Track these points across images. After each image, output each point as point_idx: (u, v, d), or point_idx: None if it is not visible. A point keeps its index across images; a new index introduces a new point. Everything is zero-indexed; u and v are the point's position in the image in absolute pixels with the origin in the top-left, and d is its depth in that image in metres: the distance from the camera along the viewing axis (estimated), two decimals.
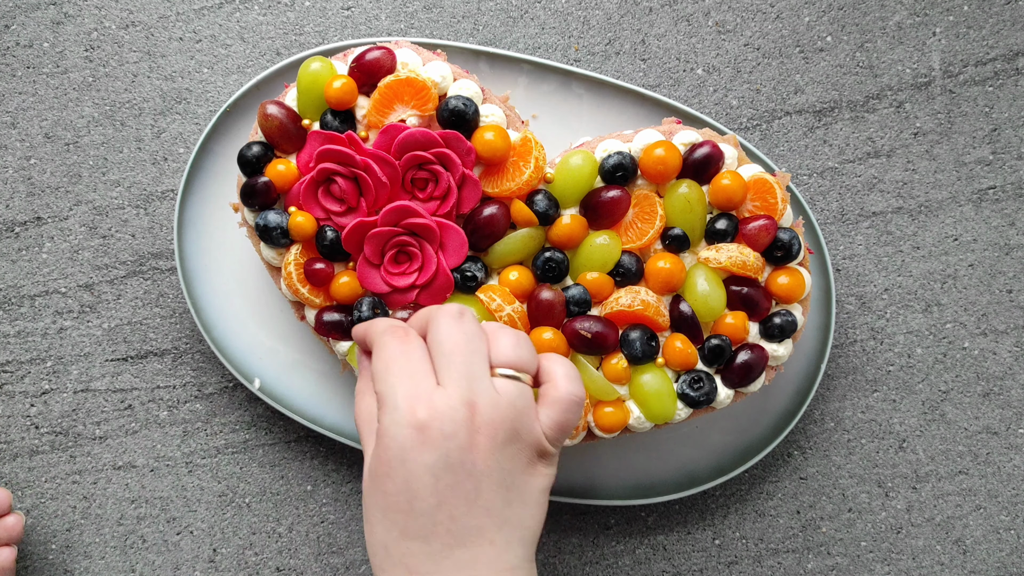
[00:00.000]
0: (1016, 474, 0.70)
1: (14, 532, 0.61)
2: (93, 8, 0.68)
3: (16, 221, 0.68)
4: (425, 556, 0.42)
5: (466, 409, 0.43)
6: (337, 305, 0.58)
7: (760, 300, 0.57)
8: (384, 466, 0.43)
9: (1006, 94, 0.69)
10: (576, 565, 0.69)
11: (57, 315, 0.68)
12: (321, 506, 0.69)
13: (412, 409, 0.43)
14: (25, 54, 0.68)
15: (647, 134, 0.57)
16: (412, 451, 0.42)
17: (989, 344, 0.70)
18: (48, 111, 0.68)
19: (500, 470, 0.44)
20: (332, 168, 0.55)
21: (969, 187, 0.69)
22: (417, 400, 0.43)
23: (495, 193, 0.56)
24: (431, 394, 0.43)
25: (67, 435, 0.68)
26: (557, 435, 0.46)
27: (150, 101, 0.68)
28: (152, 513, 0.68)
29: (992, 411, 0.70)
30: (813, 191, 0.69)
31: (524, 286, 0.57)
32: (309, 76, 0.56)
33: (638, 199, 0.57)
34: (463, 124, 0.56)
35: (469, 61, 0.64)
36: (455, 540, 0.43)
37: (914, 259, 0.69)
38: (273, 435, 0.69)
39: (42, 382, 0.68)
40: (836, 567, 0.69)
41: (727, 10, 0.69)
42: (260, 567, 0.68)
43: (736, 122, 0.69)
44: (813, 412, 0.69)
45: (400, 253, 0.57)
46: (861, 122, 0.69)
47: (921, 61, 0.69)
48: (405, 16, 0.68)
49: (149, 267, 0.68)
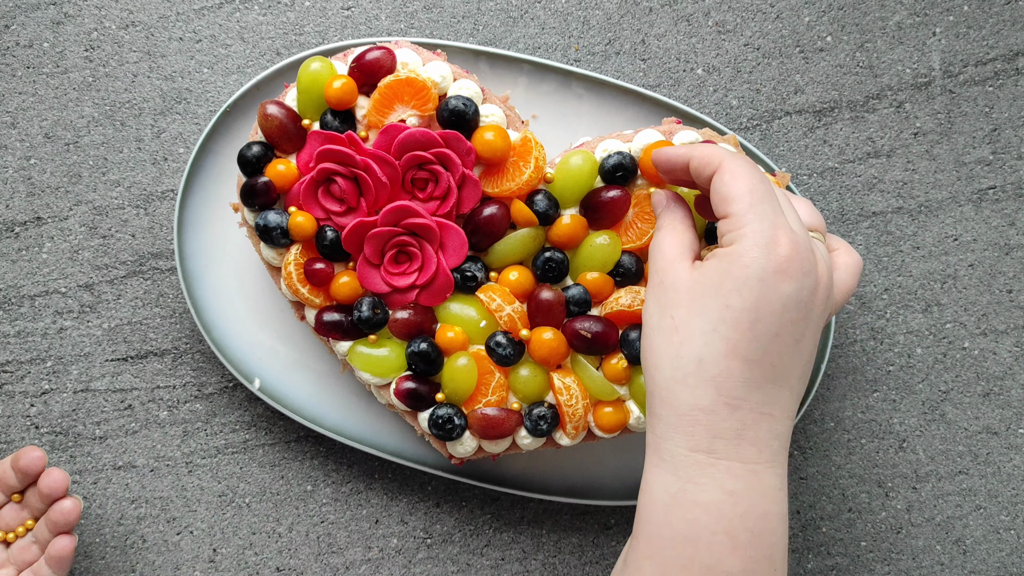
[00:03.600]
0: (1016, 474, 0.70)
1: (71, 516, 0.57)
2: (93, 8, 0.68)
3: (16, 221, 0.68)
4: (741, 381, 0.42)
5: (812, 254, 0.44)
6: (337, 305, 0.58)
7: None
8: (735, 282, 0.42)
9: (1006, 94, 0.69)
10: (576, 565, 0.69)
11: (57, 315, 0.68)
12: (321, 506, 0.69)
13: (777, 238, 0.42)
14: (25, 54, 0.68)
15: (647, 134, 0.57)
16: (774, 276, 0.42)
17: (989, 344, 0.70)
18: (48, 111, 0.68)
19: (819, 322, 0.45)
20: (332, 168, 0.55)
21: (969, 187, 0.69)
22: (780, 230, 0.43)
23: (495, 193, 0.56)
24: (790, 228, 0.43)
25: (67, 435, 0.68)
26: (843, 300, 0.48)
27: (150, 101, 0.68)
28: (152, 513, 0.68)
29: (992, 411, 0.70)
30: (813, 191, 0.69)
31: (524, 286, 0.57)
32: (309, 76, 0.56)
33: (638, 199, 0.57)
34: (463, 124, 0.56)
35: (469, 61, 0.64)
36: (773, 374, 0.43)
37: (914, 259, 0.69)
38: (273, 435, 0.69)
39: (42, 382, 0.68)
40: (836, 567, 0.69)
41: (727, 10, 0.69)
42: (260, 567, 0.68)
43: (736, 122, 0.69)
44: (813, 412, 0.69)
45: (400, 253, 0.57)
46: (861, 122, 0.69)
47: (921, 61, 0.69)
48: (405, 16, 0.68)
49: (149, 267, 0.68)
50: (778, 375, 0.43)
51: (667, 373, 0.44)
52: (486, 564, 0.69)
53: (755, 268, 0.42)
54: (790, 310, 0.42)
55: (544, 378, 0.57)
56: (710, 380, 0.42)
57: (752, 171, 0.45)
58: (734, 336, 0.42)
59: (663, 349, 0.44)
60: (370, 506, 0.69)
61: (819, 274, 0.44)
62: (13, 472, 0.59)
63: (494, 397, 0.57)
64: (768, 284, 0.42)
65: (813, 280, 0.43)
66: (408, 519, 0.69)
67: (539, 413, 0.57)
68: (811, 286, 0.43)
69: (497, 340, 0.56)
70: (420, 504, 0.69)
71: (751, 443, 0.42)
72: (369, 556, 0.68)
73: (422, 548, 0.69)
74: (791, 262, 0.42)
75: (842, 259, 0.49)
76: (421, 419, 0.58)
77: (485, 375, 0.57)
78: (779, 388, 0.43)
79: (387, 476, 0.69)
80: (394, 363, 0.57)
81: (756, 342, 0.42)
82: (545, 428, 0.56)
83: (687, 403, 0.43)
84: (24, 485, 0.60)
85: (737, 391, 0.42)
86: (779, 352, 0.43)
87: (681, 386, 0.43)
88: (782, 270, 0.42)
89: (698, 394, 0.42)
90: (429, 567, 0.68)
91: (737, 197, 0.44)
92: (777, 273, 0.42)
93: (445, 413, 0.57)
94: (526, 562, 0.69)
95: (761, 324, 0.42)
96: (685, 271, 0.45)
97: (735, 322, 0.42)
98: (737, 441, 0.42)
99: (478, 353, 0.57)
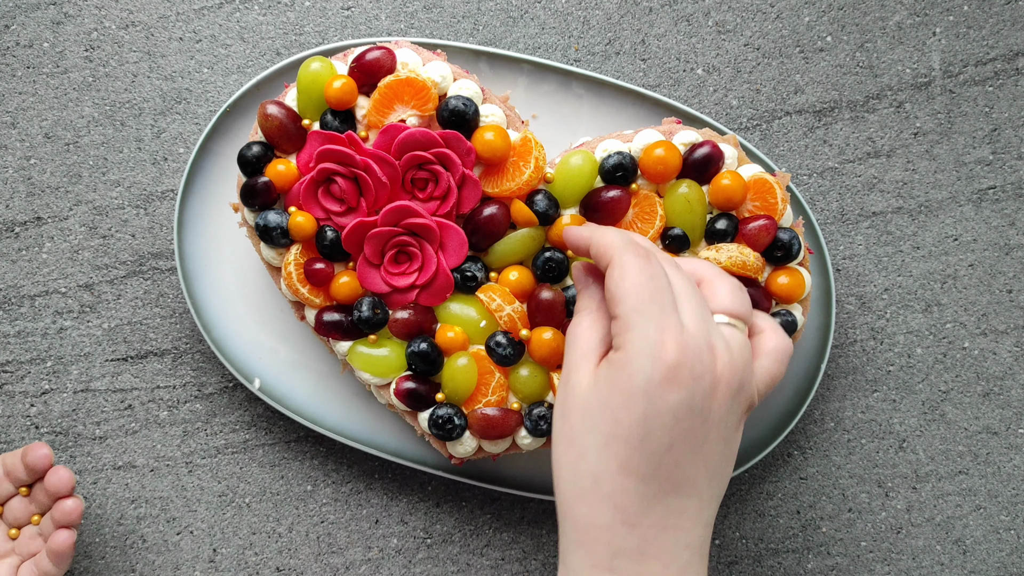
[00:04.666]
0: (1016, 474, 0.70)
1: (72, 515, 0.59)
2: (93, 8, 0.68)
3: (16, 221, 0.68)
4: (638, 496, 0.40)
5: (709, 353, 0.41)
6: (337, 305, 0.58)
7: (760, 300, 0.57)
8: (622, 396, 0.41)
9: (1006, 94, 0.69)
10: None
11: (57, 315, 0.68)
12: (321, 506, 0.69)
13: (663, 343, 0.40)
14: (25, 54, 0.68)
15: (647, 134, 0.57)
16: (660, 386, 0.40)
17: (989, 344, 0.70)
18: (48, 111, 0.68)
19: (725, 422, 0.42)
20: (332, 168, 0.55)
21: (969, 187, 0.69)
22: (667, 333, 0.40)
23: (495, 193, 0.56)
24: (680, 330, 0.41)
25: (67, 435, 0.68)
26: (767, 388, 0.45)
27: (150, 101, 0.68)
28: (152, 513, 0.68)
29: (992, 411, 0.70)
30: (813, 191, 0.69)
31: (524, 286, 0.57)
32: (309, 76, 0.56)
33: (638, 199, 0.57)
34: (463, 124, 0.56)
35: (469, 61, 0.64)
36: (672, 486, 0.41)
37: (914, 259, 0.69)
38: (273, 435, 0.69)
39: (42, 382, 0.68)
40: (836, 567, 0.69)
41: (727, 10, 0.69)
42: (260, 567, 0.68)
43: (736, 122, 0.69)
44: (813, 412, 0.69)
45: (400, 253, 0.57)
46: (861, 122, 0.69)
47: (921, 61, 0.69)
48: (405, 16, 0.68)
49: (149, 267, 0.68)
50: (678, 486, 0.41)
51: (567, 488, 0.42)
52: (486, 564, 0.69)
53: (640, 379, 0.40)
54: (682, 420, 0.40)
55: (544, 378, 0.57)
56: (606, 498, 0.41)
57: (643, 266, 0.42)
58: (625, 452, 0.41)
59: (562, 461, 0.43)
60: (370, 506, 0.69)
61: (717, 373, 0.41)
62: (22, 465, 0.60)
63: (494, 397, 0.57)
64: (655, 395, 0.40)
65: (708, 382, 0.41)
66: (408, 519, 0.69)
67: (539, 413, 0.57)
68: (705, 389, 0.41)
69: (497, 340, 0.56)
70: (420, 504, 0.69)
71: (656, 558, 0.41)
72: (369, 556, 0.68)
73: (422, 548, 0.69)
74: (679, 369, 0.40)
75: (768, 343, 0.46)
76: (421, 419, 0.58)
77: (485, 375, 0.57)
78: (683, 498, 0.41)
79: (387, 476, 0.69)
80: (394, 363, 0.57)
81: (649, 457, 0.40)
82: (545, 428, 0.56)
83: (586, 520, 0.41)
84: (32, 480, 0.61)
85: (634, 508, 0.41)
86: (675, 463, 0.41)
87: (579, 503, 0.42)
88: (669, 379, 0.40)
89: (596, 512, 0.41)
90: (429, 567, 0.68)
91: (622, 298, 0.42)
92: (664, 383, 0.40)
93: (445, 413, 0.57)
94: (526, 562, 0.69)
95: (652, 439, 0.40)
96: (587, 375, 0.43)
97: (625, 438, 0.40)
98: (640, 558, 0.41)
99: (478, 353, 0.57)
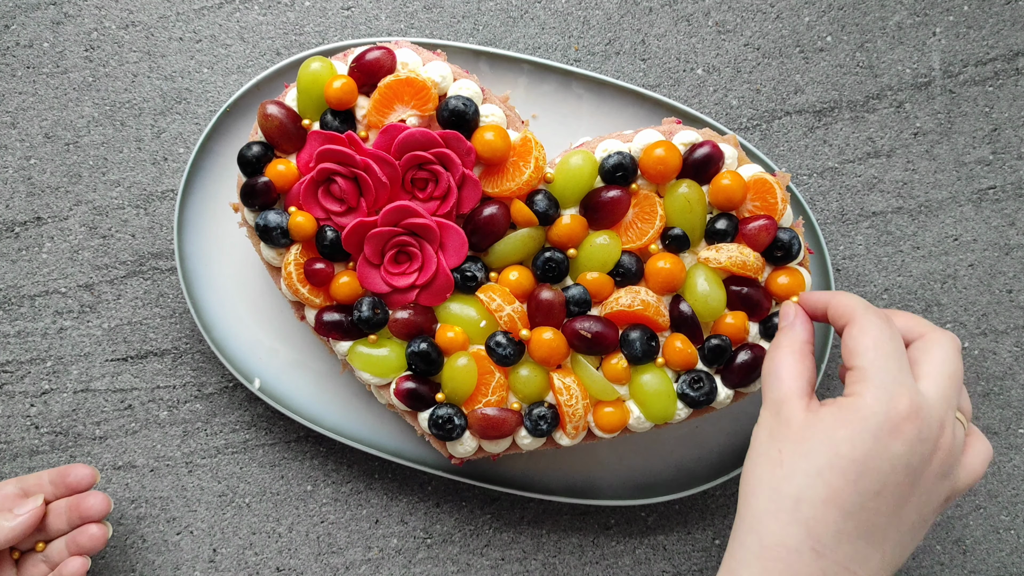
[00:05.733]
0: (1016, 474, 0.70)
1: (95, 542, 0.59)
2: (93, 8, 0.68)
3: (16, 221, 0.68)
4: (835, 529, 0.42)
5: (939, 426, 0.44)
6: (337, 305, 0.58)
7: (760, 300, 0.57)
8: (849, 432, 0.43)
9: (1006, 94, 0.69)
10: (576, 565, 0.69)
11: (57, 315, 0.68)
12: (321, 506, 0.69)
13: (898, 396, 0.43)
14: (25, 54, 0.68)
15: (647, 134, 0.57)
16: (888, 433, 0.43)
17: (989, 344, 0.70)
18: (48, 111, 0.68)
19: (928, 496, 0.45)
20: (332, 168, 0.55)
21: (969, 187, 0.69)
22: (902, 388, 0.44)
23: (495, 193, 0.56)
24: (916, 392, 0.44)
25: (67, 435, 0.68)
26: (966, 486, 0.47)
27: (150, 101, 0.68)
28: (152, 513, 0.68)
29: (992, 411, 0.70)
30: (813, 191, 0.69)
31: (524, 286, 0.57)
32: (309, 76, 0.56)
33: (638, 199, 0.57)
34: (463, 124, 0.56)
35: (469, 61, 0.64)
36: (866, 531, 0.43)
37: (914, 259, 0.69)
38: (273, 435, 0.69)
39: (42, 382, 0.68)
40: None
41: (727, 10, 0.69)
42: (260, 567, 0.68)
43: (736, 122, 0.69)
44: None
45: (400, 253, 0.57)
46: (861, 122, 0.69)
47: (921, 61, 0.69)
48: (405, 16, 0.68)
49: (149, 267, 0.68)
50: (871, 533, 0.43)
51: (762, 503, 0.44)
52: (486, 564, 0.69)
53: (872, 422, 0.43)
54: (897, 471, 0.43)
55: (544, 378, 0.57)
56: (803, 521, 0.43)
57: (884, 327, 0.46)
58: (837, 484, 0.43)
59: (763, 479, 0.45)
60: (370, 506, 0.69)
61: (939, 444, 0.44)
62: (50, 484, 0.60)
63: (494, 397, 0.57)
64: (881, 441, 0.43)
65: (929, 448, 0.44)
66: (408, 519, 0.69)
67: (539, 413, 0.57)
68: (925, 453, 0.43)
69: (497, 340, 0.56)
70: (420, 504, 0.69)
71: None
72: (369, 556, 0.68)
73: (422, 548, 0.69)
74: (907, 423, 0.43)
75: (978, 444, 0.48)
76: (421, 419, 0.58)
77: (485, 375, 0.57)
78: (871, 547, 0.43)
79: (387, 476, 0.69)
80: (394, 363, 0.57)
81: (858, 495, 0.43)
82: (545, 428, 0.56)
83: (773, 538, 0.43)
84: (59, 496, 0.61)
85: (827, 539, 0.42)
86: (877, 510, 0.43)
87: (772, 519, 0.43)
88: (897, 429, 0.43)
89: (788, 531, 0.43)
90: (429, 567, 0.68)
91: (862, 352, 0.45)
92: (892, 431, 0.43)
93: (445, 413, 0.57)
94: (526, 562, 0.69)
95: (866, 478, 0.43)
96: (801, 410, 0.46)
97: (842, 471, 0.43)
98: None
99: (478, 353, 0.57)
